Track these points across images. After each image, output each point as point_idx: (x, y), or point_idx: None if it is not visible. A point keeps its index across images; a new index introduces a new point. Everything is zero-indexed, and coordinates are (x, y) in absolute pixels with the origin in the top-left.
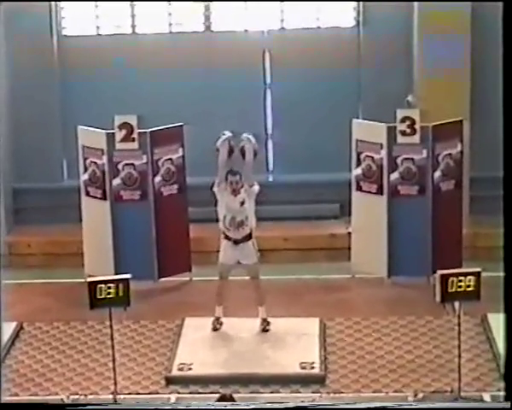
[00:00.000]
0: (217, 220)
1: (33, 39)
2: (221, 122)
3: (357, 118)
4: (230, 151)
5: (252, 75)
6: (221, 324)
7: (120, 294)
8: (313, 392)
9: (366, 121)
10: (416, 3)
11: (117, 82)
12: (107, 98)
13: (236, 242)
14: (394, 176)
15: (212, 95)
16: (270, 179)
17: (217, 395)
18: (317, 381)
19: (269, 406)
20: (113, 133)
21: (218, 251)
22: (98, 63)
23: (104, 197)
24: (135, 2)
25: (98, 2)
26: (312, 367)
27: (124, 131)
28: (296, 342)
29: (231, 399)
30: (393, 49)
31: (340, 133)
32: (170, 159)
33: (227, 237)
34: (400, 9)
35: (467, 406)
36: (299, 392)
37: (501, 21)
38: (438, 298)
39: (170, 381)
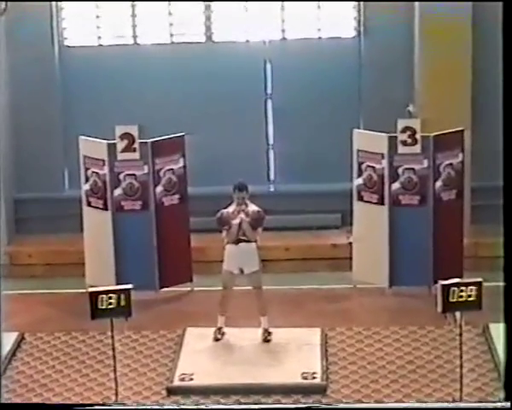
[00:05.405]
0: (218, 231)
1: (35, 49)
2: (222, 132)
3: (359, 128)
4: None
5: (253, 85)
6: (223, 334)
7: (122, 304)
8: (314, 402)
9: (367, 131)
10: (416, 13)
11: (118, 92)
12: (108, 108)
13: (239, 241)
14: (395, 186)
15: (214, 105)
16: (272, 189)
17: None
18: (319, 391)
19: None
20: (114, 143)
21: (219, 261)
22: (100, 73)
23: (105, 207)
24: (136, 13)
25: (100, 13)
26: (314, 377)
27: (125, 142)
28: (297, 352)
29: None
30: (394, 59)
31: (342, 143)
32: (171, 169)
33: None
34: (401, 19)
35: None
36: (301, 402)
37: (501, 30)
38: (439, 308)
39: (171, 391)
